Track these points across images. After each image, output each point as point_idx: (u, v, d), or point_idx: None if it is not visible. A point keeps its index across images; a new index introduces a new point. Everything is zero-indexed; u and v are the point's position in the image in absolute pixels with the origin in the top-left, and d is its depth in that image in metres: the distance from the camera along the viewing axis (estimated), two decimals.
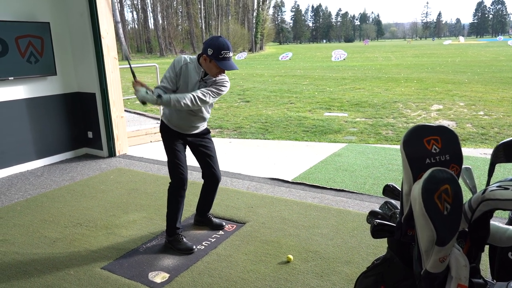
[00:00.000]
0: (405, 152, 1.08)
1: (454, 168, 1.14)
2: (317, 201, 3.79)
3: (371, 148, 5.77)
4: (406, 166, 1.08)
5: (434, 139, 1.11)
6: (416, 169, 1.07)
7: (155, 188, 4.24)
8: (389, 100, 9.99)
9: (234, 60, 2.76)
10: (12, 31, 4.74)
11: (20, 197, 4.16)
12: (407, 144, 1.09)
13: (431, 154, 1.10)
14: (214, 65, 2.67)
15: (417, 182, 1.06)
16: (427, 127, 1.16)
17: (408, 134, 1.11)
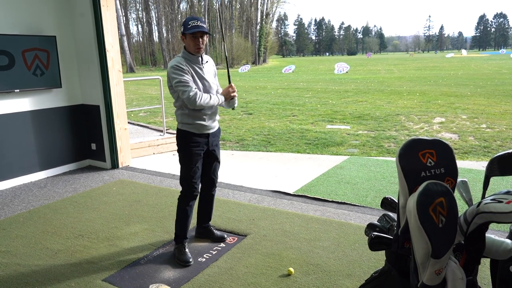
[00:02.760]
0: (401, 165, 1.10)
1: (449, 181, 1.16)
2: (319, 213, 3.80)
3: (373, 161, 5.78)
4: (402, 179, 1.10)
5: (429, 153, 1.14)
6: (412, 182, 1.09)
7: (157, 200, 4.26)
8: (391, 113, 10.01)
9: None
10: (19, 44, 4.83)
11: (23, 208, 4.18)
12: (402, 158, 1.11)
13: (426, 167, 1.12)
14: (189, 37, 2.76)
15: (412, 195, 1.08)
16: (422, 140, 1.19)
17: (404, 147, 1.13)
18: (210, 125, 2.93)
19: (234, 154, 6.53)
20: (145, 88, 20.54)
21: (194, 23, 2.73)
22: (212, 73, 3.01)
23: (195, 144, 2.89)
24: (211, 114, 2.94)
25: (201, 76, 2.87)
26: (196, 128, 2.88)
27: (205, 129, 2.92)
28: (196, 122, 2.87)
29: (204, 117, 2.89)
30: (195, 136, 2.89)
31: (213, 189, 3.20)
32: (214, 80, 2.99)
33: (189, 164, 2.91)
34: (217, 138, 3.08)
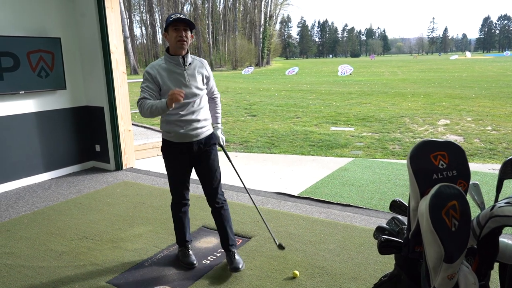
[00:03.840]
0: (412, 167, 1.07)
1: (461, 184, 1.14)
2: (324, 216, 3.77)
3: (378, 163, 5.74)
4: (413, 181, 1.08)
5: (441, 155, 1.11)
6: (423, 184, 1.07)
7: (161, 202, 4.24)
8: (395, 115, 9.97)
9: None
10: (24, 46, 4.83)
11: (27, 209, 4.18)
12: (413, 159, 1.09)
13: (438, 169, 1.09)
14: (171, 31, 2.55)
15: (424, 198, 1.05)
16: (434, 142, 1.16)
17: (415, 149, 1.11)
18: (190, 133, 2.64)
19: (238, 156, 6.51)
20: None
21: (176, 15, 2.55)
22: (198, 77, 2.68)
23: (176, 152, 2.72)
24: (187, 121, 2.62)
25: (177, 81, 2.60)
26: (175, 136, 2.66)
27: (185, 138, 2.66)
28: (174, 130, 2.64)
29: (179, 124, 2.62)
30: (176, 145, 2.69)
31: (216, 203, 2.84)
32: (199, 85, 2.68)
33: (171, 172, 2.83)
34: (208, 145, 2.76)
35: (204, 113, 2.72)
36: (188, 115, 2.63)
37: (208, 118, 2.78)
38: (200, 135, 2.71)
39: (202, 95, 2.70)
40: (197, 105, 2.67)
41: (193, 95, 2.64)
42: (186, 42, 2.58)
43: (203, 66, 2.76)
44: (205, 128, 2.73)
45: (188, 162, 2.77)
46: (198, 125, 2.67)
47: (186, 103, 2.60)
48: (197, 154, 2.74)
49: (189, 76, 2.64)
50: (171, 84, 2.57)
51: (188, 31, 2.60)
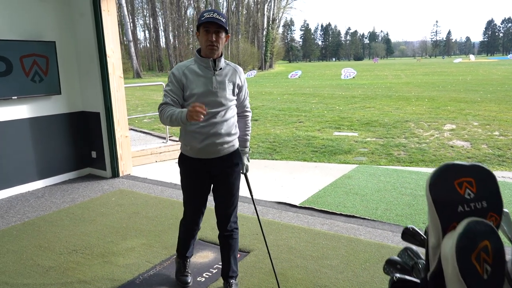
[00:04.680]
0: (432, 197, 0.89)
1: (492, 217, 0.95)
2: (326, 228, 3.58)
3: (383, 170, 5.55)
4: (433, 214, 0.89)
5: (467, 182, 0.92)
6: (446, 218, 0.88)
7: (156, 212, 4.07)
8: (400, 119, 9.77)
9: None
10: (17, 50, 4.69)
11: (17, 220, 4.02)
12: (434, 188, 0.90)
13: (464, 200, 0.91)
14: (202, 32, 2.26)
15: (448, 236, 0.87)
16: (458, 166, 0.96)
17: (435, 175, 0.92)
18: (208, 148, 2.33)
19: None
20: (151, 93, 20.46)
21: (209, 14, 2.22)
22: (228, 86, 2.35)
23: (192, 169, 2.42)
24: (206, 134, 2.30)
25: (204, 86, 2.29)
26: (192, 151, 2.37)
27: (203, 154, 2.35)
28: (191, 143, 2.35)
29: (196, 136, 2.32)
30: (192, 161, 2.40)
31: (225, 231, 2.53)
32: (228, 94, 2.34)
33: (185, 192, 2.54)
34: (229, 164, 2.43)
35: (228, 127, 2.35)
36: (208, 127, 2.29)
37: (234, 133, 2.42)
38: (220, 152, 2.37)
39: (229, 107, 2.35)
40: (221, 117, 2.32)
41: (218, 104, 2.30)
42: (216, 47, 2.26)
43: (237, 74, 2.41)
44: (228, 144, 2.38)
45: (205, 182, 2.45)
46: (219, 140, 2.33)
47: (207, 113, 2.21)
48: (215, 173, 2.42)
49: (218, 82, 2.31)
50: (196, 89, 2.27)
51: (221, 33, 2.28)
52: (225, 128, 2.35)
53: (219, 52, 2.32)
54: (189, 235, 2.68)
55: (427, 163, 5.95)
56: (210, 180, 2.45)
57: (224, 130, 2.34)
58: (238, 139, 2.51)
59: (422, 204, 4.15)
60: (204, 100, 2.25)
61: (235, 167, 2.47)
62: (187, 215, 2.60)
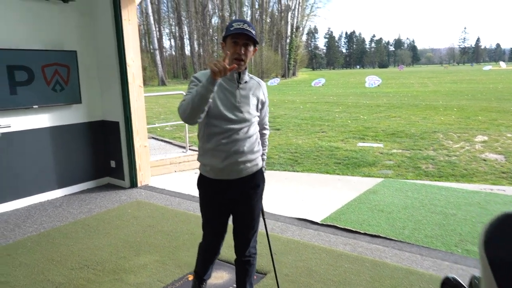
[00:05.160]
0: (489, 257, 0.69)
1: None
2: (349, 248, 3.36)
3: (410, 184, 5.27)
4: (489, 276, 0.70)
5: None
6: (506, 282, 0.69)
7: (172, 226, 3.95)
8: (427, 130, 9.40)
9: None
10: (39, 59, 4.70)
11: (34, 230, 3.97)
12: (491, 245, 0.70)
13: None
14: (229, 43, 2.07)
15: None
16: None
17: (492, 229, 0.72)
18: (230, 168, 2.13)
19: None
20: (174, 101, 20.62)
21: (239, 25, 2.04)
22: (252, 100, 2.18)
23: (211, 192, 2.22)
24: (228, 152, 2.10)
25: (226, 99, 2.11)
26: (212, 171, 2.17)
27: (224, 174, 2.15)
28: (210, 163, 2.15)
29: (217, 155, 2.12)
30: (212, 183, 2.19)
31: (243, 256, 2.34)
32: (251, 110, 2.17)
33: (204, 213, 2.33)
34: (250, 186, 2.23)
35: (251, 144, 2.18)
36: (230, 144, 2.11)
37: (257, 150, 2.23)
38: (243, 171, 2.17)
39: (252, 123, 2.19)
40: (244, 133, 2.14)
41: (242, 120, 2.12)
42: (243, 61, 2.09)
43: (260, 89, 2.25)
44: (251, 163, 2.19)
45: (226, 206, 2.25)
46: (242, 159, 2.14)
47: (229, 129, 2.09)
48: (236, 195, 2.22)
49: (241, 96, 2.14)
50: (219, 101, 2.09)
51: (250, 45, 2.10)
52: (248, 146, 2.16)
53: (245, 65, 2.15)
54: (208, 260, 2.47)
55: (458, 177, 5.63)
56: (230, 203, 2.25)
57: (247, 148, 2.16)
58: None
59: (453, 224, 3.87)
60: (226, 114, 2.10)
61: (257, 188, 2.26)
62: (207, 240, 2.39)
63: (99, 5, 5.15)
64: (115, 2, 5.02)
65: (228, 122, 2.09)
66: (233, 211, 2.28)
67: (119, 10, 5.02)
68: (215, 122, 2.10)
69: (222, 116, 2.09)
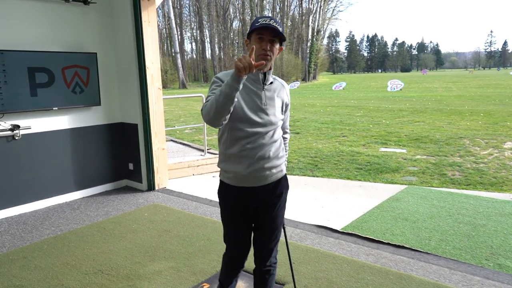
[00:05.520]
0: None
1: None
2: (372, 259, 3.20)
3: (436, 192, 5.04)
4: None
5: None
6: None
7: (189, 231, 3.86)
8: (453, 136, 9.08)
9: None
10: (59, 61, 4.72)
11: (51, 232, 3.96)
12: None
13: None
14: (254, 39, 1.95)
15: None
16: None
17: None
18: (255, 174, 2.00)
19: None
20: (195, 104, 20.72)
21: (265, 20, 1.92)
22: (277, 102, 2.06)
23: (234, 200, 2.07)
24: (253, 158, 1.97)
25: (252, 101, 1.98)
26: (234, 178, 2.03)
27: (248, 181, 2.01)
28: (233, 169, 2.01)
29: (241, 160, 1.98)
30: (234, 190, 2.05)
31: (263, 266, 2.22)
32: (277, 112, 2.04)
33: (226, 224, 2.17)
34: (275, 194, 2.09)
35: (276, 149, 2.06)
36: (256, 149, 1.97)
37: (282, 155, 2.12)
38: (269, 178, 2.04)
39: (278, 126, 2.07)
40: (269, 138, 2.01)
41: (268, 123, 1.99)
42: (270, 58, 1.96)
43: (284, 90, 2.13)
44: (276, 169, 2.07)
45: (249, 215, 2.11)
46: (268, 165, 2.01)
47: (255, 133, 1.97)
48: (259, 203, 2.08)
49: (267, 98, 2.02)
50: (243, 103, 1.95)
51: (276, 43, 1.98)
52: (274, 151, 2.04)
53: (270, 64, 2.02)
54: (232, 274, 2.30)
55: (487, 186, 5.36)
56: (253, 211, 2.10)
57: (272, 153, 2.03)
58: None
59: (483, 235, 3.65)
60: (252, 117, 1.97)
61: (282, 196, 2.13)
62: (231, 252, 2.22)
63: (119, 7, 5.14)
64: (135, 4, 5.01)
65: (253, 125, 1.96)
66: (255, 220, 2.15)
67: (139, 12, 5.00)
68: (240, 126, 1.96)
69: (247, 119, 1.95)
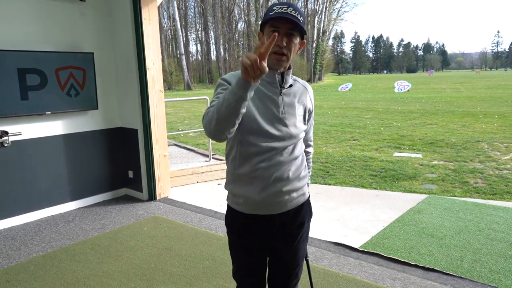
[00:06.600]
0: None
1: None
2: (400, 285, 2.81)
3: (460, 203, 4.64)
4: None
5: None
6: None
7: (191, 249, 3.49)
8: (470, 139, 8.64)
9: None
10: (52, 62, 4.37)
11: (40, 250, 3.60)
12: None
13: None
14: (267, 32, 1.53)
15: None
16: None
17: None
18: (271, 200, 1.60)
19: None
20: (199, 106, 20.37)
21: (281, 8, 1.49)
22: (299, 110, 1.66)
23: (245, 231, 1.68)
24: (268, 179, 1.58)
25: (266, 108, 1.57)
26: (246, 204, 1.63)
27: (263, 208, 1.62)
28: (245, 194, 1.61)
29: (254, 182, 1.59)
30: (246, 218, 1.65)
31: None
32: (298, 122, 1.64)
33: (235, 257, 1.78)
34: (297, 224, 1.71)
35: (297, 167, 1.66)
36: (271, 168, 1.58)
37: (304, 175, 1.72)
38: (288, 204, 1.65)
39: (299, 139, 1.66)
40: (288, 154, 1.62)
41: (287, 136, 1.60)
42: (286, 56, 1.54)
43: (307, 94, 1.73)
44: (297, 192, 1.67)
45: (264, 249, 1.71)
46: (287, 188, 1.62)
47: (271, 149, 1.57)
48: (276, 234, 1.69)
49: (285, 105, 1.61)
50: (255, 111, 1.55)
51: (296, 37, 1.55)
52: (294, 170, 1.64)
53: (288, 63, 1.60)
54: None
55: None
56: (269, 244, 1.71)
57: (292, 173, 1.63)
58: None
59: None
60: (267, 129, 1.56)
61: (304, 226, 1.73)
62: (237, 281, 1.83)
63: (118, 3, 4.80)
64: (134, 0, 4.66)
65: (269, 139, 1.56)
66: (270, 254, 1.75)
67: (139, 9, 4.65)
68: (252, 139, 1.56)
69: (261, 131, 1.56)
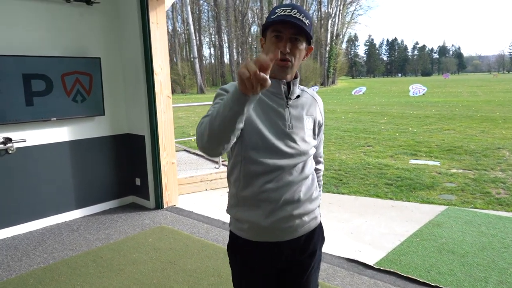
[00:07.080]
0: None
1: None
2: None
3: (482, 216, 4.38)
4: None
5: None
6: None
7: (197, 263, 3.33)
8: (490, 146, 8.31)
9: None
10: (58, 67, 4.28)
11: (41, 261, 3.48)
12: None
13: None
14: (270, 38, 1.37)
15: None
16: None
17: None
18: (279, 225, 1.42)
19: None
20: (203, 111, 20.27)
21: (284, 11, 1.33)
22: (307, 123, 1.48)
23: (249, 259, 1.48)
24: (276, 202, 1.40)
25: (270, 121, 1.40)
26: (251, 231, 1.44)
27: (268, 234, 1.43)
28: (250, 219, 1.43)
29: (261, 205, 1.41)
30: (251, 247, 1.46)
31: None
32: (307, 137, 1.47)
33: (239, 285, 1.56)
34: (308, 252, 1.53)
35: (307, 187, 1.48)
36: (280, 190, 1.40)
37: (315, 196, 1.54)
38: (298, 230, 1.46)
39: (309, 156, 1.49)
40: (298, 173, 1.44)
41: (296, 153, 1.43)
42: (291, 63, 1.37)
43: (317, 106, 1.56)
44: (309, 216, 1.49)
45: (272, 280, 1.52)
46: (297, 211, 1.44)
47: (277, 167, 1.39)
48: (284, 264, 1.51)
49: (293, 118, 1.44)
50: (260, 126, 1.38)
51: (301, 42, 1.37)
52: (305, 191, 1.46)
53: (294, 71, 1.44)
54: None
55: None
56: (277, 275, 1.52)
57: (304, 194, 1.45)
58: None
59: None
60: (274, 144, 1.39)
61: (316, 254, 1.55)
62: None
63: (125, 8, 4.69)
64: (142, 4, 4.54)
65: (276, 156, 1.39)
66: (278, 286, 1.55)
67: (146, 13, 4.53)
68: (256, 157, 1.38)
69: (268, 147, 1.38)
